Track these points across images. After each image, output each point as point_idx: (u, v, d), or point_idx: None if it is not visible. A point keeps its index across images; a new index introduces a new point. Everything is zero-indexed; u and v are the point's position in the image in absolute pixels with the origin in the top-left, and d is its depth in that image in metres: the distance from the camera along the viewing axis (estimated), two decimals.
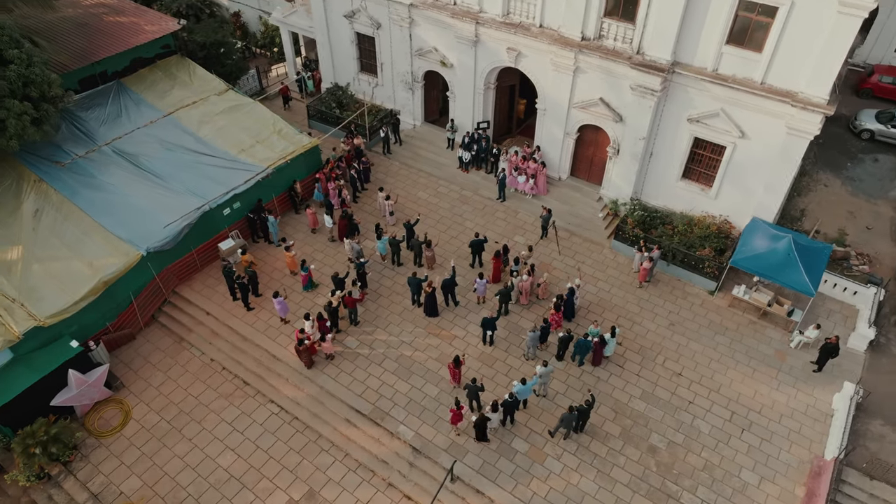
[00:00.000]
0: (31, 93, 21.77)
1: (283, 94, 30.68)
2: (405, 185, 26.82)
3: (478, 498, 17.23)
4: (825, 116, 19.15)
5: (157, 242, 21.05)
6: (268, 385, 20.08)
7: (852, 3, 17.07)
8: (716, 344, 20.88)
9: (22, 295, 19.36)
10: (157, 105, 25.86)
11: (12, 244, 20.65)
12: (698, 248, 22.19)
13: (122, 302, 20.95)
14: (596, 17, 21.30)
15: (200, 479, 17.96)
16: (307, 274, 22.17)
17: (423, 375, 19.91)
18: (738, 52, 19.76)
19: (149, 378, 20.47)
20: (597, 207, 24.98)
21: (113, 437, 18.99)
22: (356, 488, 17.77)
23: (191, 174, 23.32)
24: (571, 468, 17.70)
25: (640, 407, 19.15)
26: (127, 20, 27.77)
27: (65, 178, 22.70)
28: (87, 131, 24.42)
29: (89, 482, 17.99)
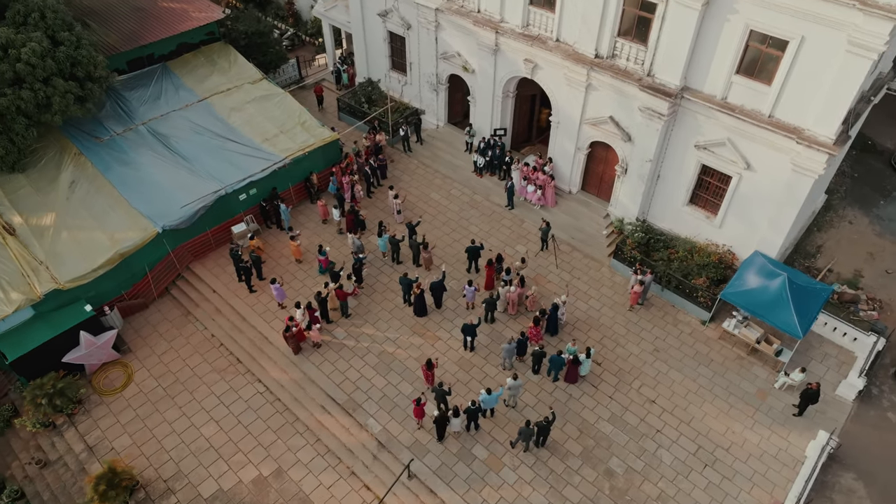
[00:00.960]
0: (77, 73, 23.64)
1: (317, 93, 31.40)
2: (420, 185, 27.51)
3: (430, 497, 17.96)
4: (831, 156, 18.51)
5: (172, 221, 22.62)
6: (258, 365, 21.38)
7: (861, 43, 16.45)
8: (697, 375, 20.70)
9: (48, 258, 21.33)
10: (195, 90, 27.47)
11: (47, 211, 22.68)
12: (695, 277, 21.92)
13: (137, 273, 22.66)
14: (610, 35, 21.21)
15: (183, 446, 19.45)
16: (325, 258, 23.28)
17: (401, 373, 20.71)
18: (747, 82, 19.33)
19: (154, 346, 22.16)
20: (602, 224, 24.94)
21: (114, 397, 20.76)
22: (321, 472, 18.84)
23: (214, 158, 24.79)
24: (525, 481, 18.15)
25: (607, 429, 19.32)
26: (178, 6, 29.50)
27: (102, 153, 24.60)
28: (127, 110, 26.28)
29: (87, 435, 19.80)
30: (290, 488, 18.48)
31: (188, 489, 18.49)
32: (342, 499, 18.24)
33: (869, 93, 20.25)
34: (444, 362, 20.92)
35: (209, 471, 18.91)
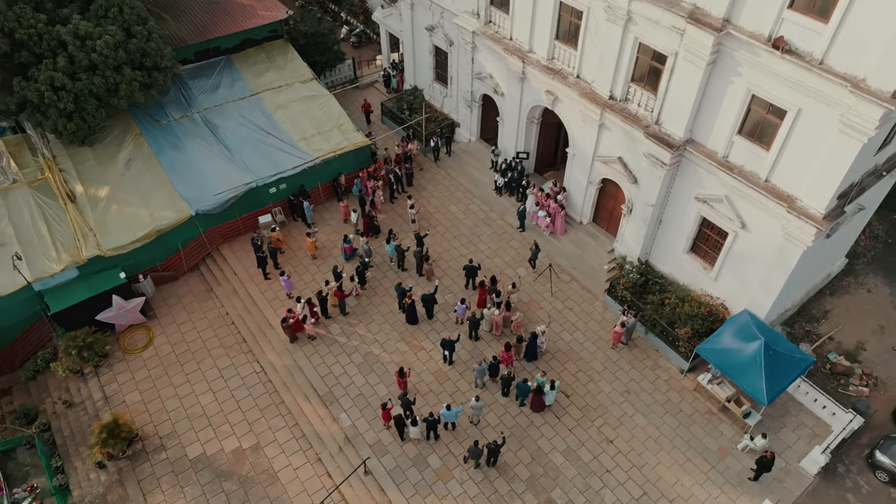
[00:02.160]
0: (146, 62, 26.45)
1: (365, 110, 32.36)
2: (441, 196, 28.80)
3: (380, 495, 19.58)
4: (819, 230, 18.27)
5: (205, 206, 25.11)
6: (258, 347, 23.62)
7: (853, 125, 16.19)
8: (662, 423, 21.07)
9: (97, 227, 24.35)
10: (250, 84, 29.88)
11: (104, 184, 25.73)
12: (679, 326, 22.12)
13: (171, 248, 25.37)
14: (624, 80, 21.54)
15: (181, 409, 22.00)
16: (349, 245, 25.20)
17: (380, 375, 22.32)
18: (747, 144, 19.27)
19: (176, 315, 24.87)
20: (605, 259, 25.36)
21: (134, 356, 23.61)
22: (292, 454, 20.86)
23: (253, 151, 27.07)
24: (468, 495, 19.40)
25: (558, 460, 20.18)
26: (248, 3, 31.92)
27: (159, 135, 27.45)
28: (188, 98, 29.03)
29: (106, 386, 22.75)
30: (262, 463, 20.62)
31: (177, 448, 21.02)
32: (305, 481, 20.19)
33: (883, 167, 19.69)
34: (421, 371, 22.35)
35: (198, 435, 21.35)
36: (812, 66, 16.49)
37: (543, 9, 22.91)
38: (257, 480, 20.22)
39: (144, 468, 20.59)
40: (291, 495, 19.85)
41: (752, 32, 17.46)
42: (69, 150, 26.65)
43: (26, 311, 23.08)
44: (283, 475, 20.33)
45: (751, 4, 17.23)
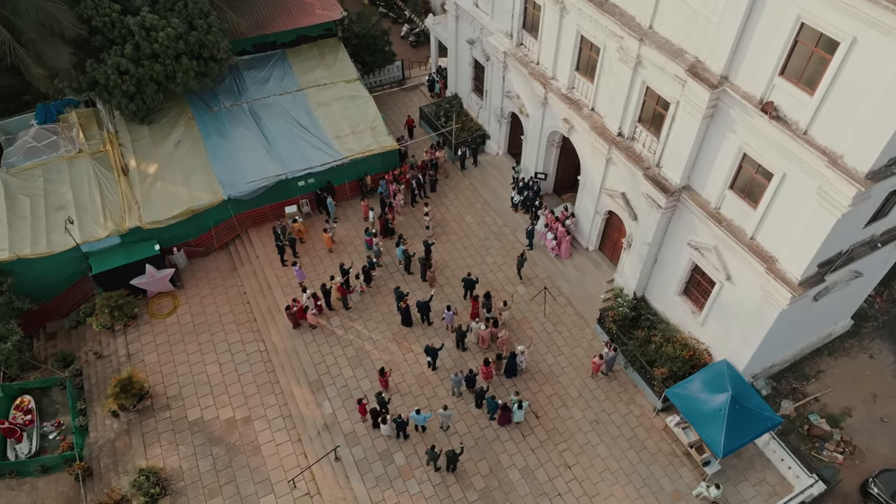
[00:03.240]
0: (203, 53, 28.82)
1: (408, 125, 33.17)
2: (460, 205, 29.93)
3: (344, 482, 21.32)
4: (795, 295, 18.27)
5: (237, 192, 27.35)
6: (266, 328, 25.75)
7: (829, 198, 16.16)
8: (623, 457, 21.67)
9: (141, 200, 27.07)
10: (299, 79, 31.85)
11: (153, 161, 28.43)
12: (658, 366, 22.50)
13: (204, 227, 27.81)
14: (632, 119, 21.89)
15: (189, 375, 24.46)
16: (370, 238, 27.06)
17: (367, 371, 23.94)
18: (737, 200, 19.36)
19: (200, 288, 27.37)
20: (604, 288, 25.83)
21: (159, 321, 26.29)
22: (277, 430, 22.89)
23: (289, 145, 29.07)
24: (424, 496, 20.82)
25: (514, 476, 21.23)
26: (308, 0, 33.79)
27: (208, 121, 29.90)
28: (240, 87, 31.35)
29: (130, 344, 25.53)
30: (249, 435, 22.78)
31: (180, 410, 23.48)
32: (283, 457, 22.19)
33: (879, 238, 19.34)
34: (405, 373, 23.82)
35: (199, 401, 23.74)
36: (796, 136, 16.53)
37: (567, 40, 23.43)
38: (242, 450, 22.39)
39: (150, 423, 23.18)
40: (269, 468, 21.90)
41: (745, 93, 17.57)
42: (129, 127, 29.51)
43: (74, 268, 26.09)
44: (266, 449, 22.40)
45: (746, 66, 17.32)
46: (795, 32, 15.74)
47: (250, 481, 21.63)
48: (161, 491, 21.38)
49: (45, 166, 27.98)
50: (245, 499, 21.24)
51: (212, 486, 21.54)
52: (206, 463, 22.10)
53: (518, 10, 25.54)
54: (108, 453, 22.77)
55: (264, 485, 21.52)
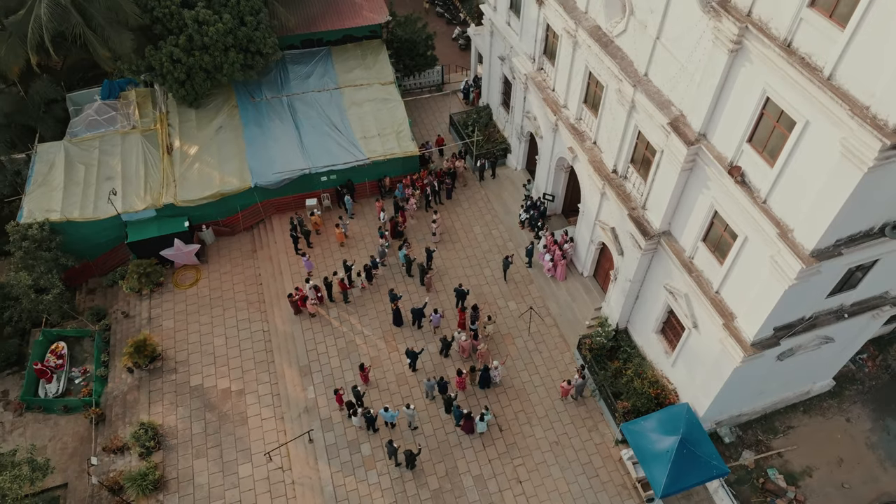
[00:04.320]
0: (250, 48, 31.02)
1: (438, 145, 33.88)
2: (471, 215, 31.11)
3: (312, 462, 23.33)
4: (747, 357, 18.65)
5: (263, 181, 29.55)
6: (271, 310, 27.98)
7: (780, 267, 16.47)
8: (574, 481, 22.64)
9: (179, 179, 29.71)
10: (338, 78, 33.65)
11: (194, 144, 31.00)
12: (623, 399, 23.22)
13: (231, 209, 30.24)
14: (625, 158, 22.44)
15: (194, 344, 27.01)
16: (384, 237, 28.87)
17: (354, 363, 25.75)
18: (707, 253, 19.74)
19: (222, 265, 29.89)
20: (590, 314, 26.55)
21: (181, 291, 29.00)
22: (265, 406, 25.13)
23: (318, 141, 30.99)
24: (381, 487, 22.56)
25: (468, 483, 22.63)
26: (360, 1, 35.40)
27: (250, 110, 32.20)
28: (283, 80, 33.44)
29: (153, 309, 28.35)
30: (239, 406, 25.13)
31: (184, 374, 26.09)
32: (266, 431, 24.41)
33: (848, 309, 19.34)
34: (387, 370, 25.51)
35: (203, 369, 26.27)
36: (756, 203, 16.88)
37: (577, 72, 24.05)
38: (231, 419, 24.77)
39: (157, 382, 25.91)
40: (251, 439, 24.18)
41: (718, 154, 17.95)
42: (179, 109, 32.18)
43: (114, 234, 29.06)
44: (252, 421, 24.69)
45: (721, 127, 17.69)
46: (762, 105, 16.05)
47: (233, 448, 23.98)
48: (156, 445, 24.05)
49: (102, 138, 31.01)
50: (226, 464, 23.62)
51: (199, 448, 24.03)
52: (198, 426, 24.61)
53: (540, 36, 26.25)
54: (120, 404, 25.65)
55: (244, 454, 23.82)
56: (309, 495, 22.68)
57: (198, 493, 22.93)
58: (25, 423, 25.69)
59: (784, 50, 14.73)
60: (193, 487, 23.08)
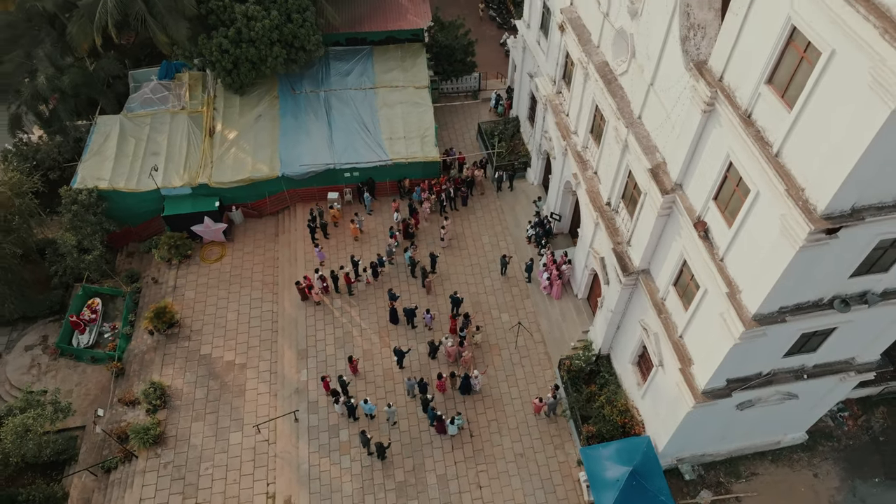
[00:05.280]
0: (295, 43, 32.88)
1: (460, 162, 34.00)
2: (482, 224, 32.19)
3: (294, 440, 25.34)
4: (699, 403, 19.24)
5: (290, 171, 31.54)
6: (282, 294, 30.07)
7: (727, 325, 16.98)
8: (531, 494, 23.77)
9: (215, 161, 32.07)
10: (375, 78, 35.13)
11: (234, 129, 33.26)
12: (591, 423, 24.08)
13: (260, 194, 32.42)
14: (617, 193, 23.05)
15: (209, 316, 29.43)
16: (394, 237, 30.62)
17: (347, 353, 27.53)
18: (676, 297, 20.27)
19: (244, 245, 32.19)
20: (577, 336, 27.35)
21: (206, 265, 31.49)
22: (262, 382, 27.31)
23: (346, 138, 32.67)
24: (351, 472, 24.37)
25: (431, 481, 24.14)
26: (405, 4, 36.64)
27: (289, 102, 34.18)
28: (324, 76, 35.20)
29: (179, 279, 30.97)
30: (239, 379, 27.41)
31: (196, 343, 28.57)
32: (259, 405, 26.60)
33: (809, 371, 19.57)
34: (376, 365, 27.18)
35: (213, 340, 28.67)
36: (714, 260, 17.40)
37: (586, 102, 24.65)
38: (230, 389, 27.09)
39: (171, 347, 28.51)
40: (245, 411, 26.43)
41: (689, 206, 18.47)
42: (225, 95, 34.47)
43: (154, 206, 31.74)
44: (248, 395, 26.93)
45: (694, 181, 18.19)
46: (726, 167, 16.51)
47: (228, 417, 26.30)
48: (162, 404, 26.64)
49: (153, 116, 33.66)
50: (219, 430, 25.97)
51: (199, 412, 26.47)
52: (201, 391, 27.05)
53: (561, 61, 26.89)
54: (138, 362, 28.41)
55: (237, 423, 26.10)
56: (287, 469, 24.74)
57: (191, 453, 25.37)
58: (58, 367, 28.83)
59: (744, 120, 15.19)
60: (188, 447, 25.54)
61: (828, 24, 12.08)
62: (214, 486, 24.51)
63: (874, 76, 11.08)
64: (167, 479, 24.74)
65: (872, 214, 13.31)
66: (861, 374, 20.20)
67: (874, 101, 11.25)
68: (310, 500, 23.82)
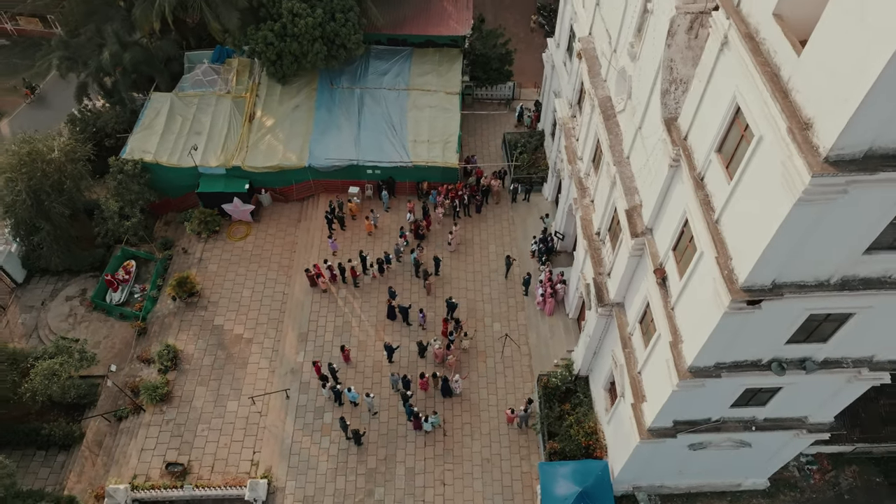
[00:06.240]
0: (336, 41, 34.60)
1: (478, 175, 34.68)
2: (492, 233, 33.31)
3: (282, 415, 27.48)
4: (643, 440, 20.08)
5: (316, 163, 33.46)
6: (294, 278, 32.16)
7: (669, 372, 17.77)
8: (490, 499, 25.13)
9: (250, 146, 34.28)
10: (410, 80, 36.51)
11: (272, 117, 35.38)
12: (556, 440, 25.15)
13: (287, 181, 34.52)
14: (605, 225, 23.79)
15: (228, 290, 31.84)
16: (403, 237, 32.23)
17: (344, 341, 29.40)
18: (639, 335, 21.03)
19: (268, 227, 34.45)
20: (562, 354, 28.28)
21: (231, 242, 33.93)
22: (264, 358, 29.53)
23: (373, 137, 34.29)
24: (328, 453, 26.34)
25: (399, 471, 25.83)
26: (449, 9, 37.73)
27: (325, 95, 36.02)
28: (362, 73, 36.84)
29: (205, 252, 33.53)
30: (244, 353, 29.74)
31: (211, 314, 31.07)
32: (257, 379, 28.86)
33: (760, 424, 20.07)
34: (368, 356, 28.96)
35: (226, 313, 31.09)
36: (666, 307, 18.13)
37: (591, 132, 25.33)
38: (234, 361, 29.46)
39: (188, 315, 31.11)
40: (244, 383, 28.74)
41: (654, 251, 19.17)
42: (269, 83, 36.59)
43: (191, 181, 34.30)
44: (250, 368, 29.24)
45: (661, 229, 18.86)
46: (683, 222, 17.17)
47: (228, 386, 28.69)
48: (172, 365, 29.27)
49: (201, 97, 36.17)
50: (219, 396, 28.40)
51: (203, 377, 28.98)
52: (208, 359, 29.54)
53: (577, 87, 27.55)
54: (159, 324, 31.15)
55: (235, 393, 28.46)
56: (272, 441, 26.94)
57: (191, 414, 27.90)
58: (91, 319, 31.92)
59: (697, 182, 15.86)
60: (190, 408, 28.08)
61: (760, 110, 12.69)
62: (207, 448, 26.96)
63: (783, 170, 11.72)
64: (167, 434, 27.35)
65: (793, 292, 13.87)
66: (814, 434, 20.48)
67: (782, 192, 11.89)
68: (287, 473, 25.95)
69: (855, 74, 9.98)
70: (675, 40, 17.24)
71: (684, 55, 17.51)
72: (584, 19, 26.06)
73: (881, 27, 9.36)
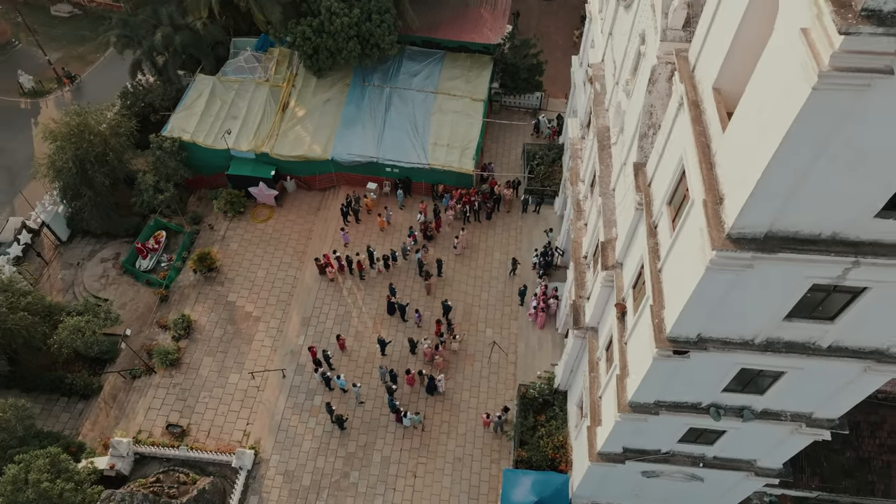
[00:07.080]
0: (370, 40, 35.99)
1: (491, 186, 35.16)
2: (498, 241, 34.32)
3: (277, 392, 29.48)
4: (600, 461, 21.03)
5: (338, 157, 35.09)
6: (306, 264, 34.02)
7: (614, 404, 18.66)
8: (456, 495, 26.53)
9: (280, 134, 36.18)
10: (439, 83, 37.61)
11: (304, 108, 37.14)
12: (525, 449, 26.29)
13: (311, 171, 36.30)
14: (591, 251, 24.56)
15: (244, 270, 33.95)
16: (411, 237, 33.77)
17: (343, 330, 31.11)
18: (605, 362, 21.89)
19: (289, 213, 36.39)
20: (545, 367, 29.23)
21: (254, 223, 36.04)
22: (268, 336, 31.57)
23: (395, 136, 35.64)
24: (314, 434, 28.20)
25: (376, 458, 27.49)
26: (485, 16, 38.58)
27: (357, 91, 37.53)
28: (394, 73, 38.15)
29: (229, 231, 35.74)
30: (251, 330, 31.85)
31: (225, 290, 33.28)
32: (260, 356, 30.94)
33: (705, 460, 20.72)
34: (362, 346, 30.61)
35: (241, 291, 33.24)
36: (622, 341, 18.97)
37: (592, 158, 26.02)
38: (242, 337, 31.62)
39: (205, 288, 33.41)
40: (247, 358, 30.87)
41: (620, 286, 19.96)
42: (305, 75, 38.33)
43: (223, 162, 36.47)
44: (254, 345, 31.33)
45: (627, 266, 19.62)
46: (641, 264, 17.92)
47: (233, 359, 30.88)
48: (185, 334, 31.64)
49: (241, 83, 38.20)
50: (223, 368, 30.62)
51: (212, 348, 31.25)
52: (218, 332, 31.79)
53: (587, 109, 28.16)
54: (179, 293, 33.59)
55: (238, 366, 30.62)
56: (264, 415, 29.00)
57: (196, 381, 30.22)
58: (121, 282, 34.64)
59: (650, 230, 16.60)
60: (196, 375, 30.41)
61: (693, 176, 13.42)
62: (206, 414, 29.24)
63: (699, 237, 12.48)
64: (173, 397, 29.76)
65: (717, 347, 14.58)
66: (763, 478, 20.98)
67: (698, 257, 12.66)
68: (273, 447, 27.98)
69: (754, 159, 10.70)
70: (656, 87, 17.88)
71: (664, 102, 18.13)
72: (599, 45, 26.61)
73: (771, 121, 10.06)
